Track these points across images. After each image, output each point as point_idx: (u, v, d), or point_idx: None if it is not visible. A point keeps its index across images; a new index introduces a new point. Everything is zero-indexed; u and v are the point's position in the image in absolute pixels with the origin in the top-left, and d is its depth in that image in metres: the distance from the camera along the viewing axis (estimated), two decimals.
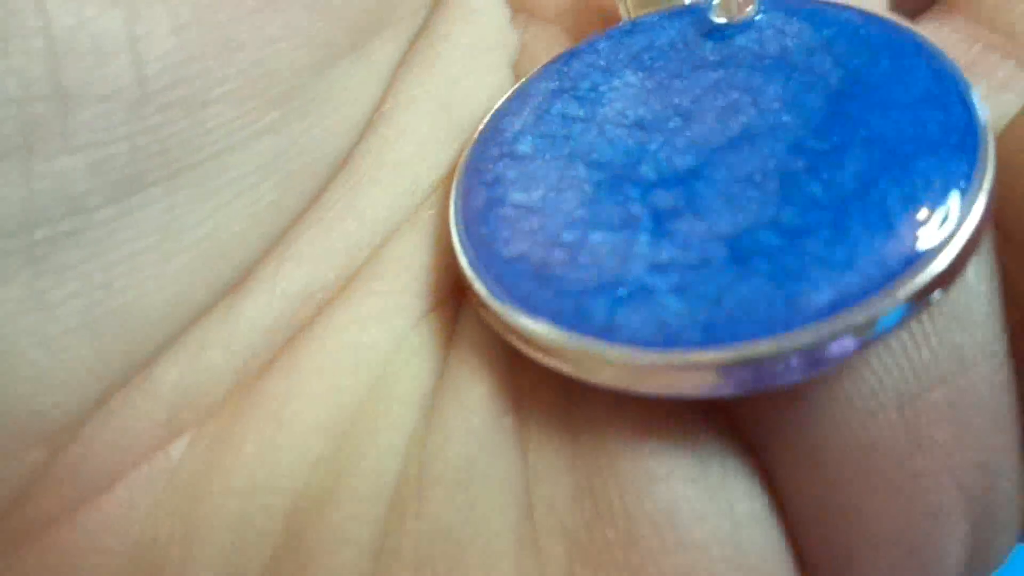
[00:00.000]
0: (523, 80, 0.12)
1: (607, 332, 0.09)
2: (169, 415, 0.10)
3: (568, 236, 0.10)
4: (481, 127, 0.12)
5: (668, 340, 0.09)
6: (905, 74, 0.10)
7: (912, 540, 0.10)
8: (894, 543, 0.10)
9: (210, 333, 0.10)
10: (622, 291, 0.10)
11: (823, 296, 0.09)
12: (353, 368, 0.11)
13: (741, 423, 0.10)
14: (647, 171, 0.10)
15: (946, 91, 0.10)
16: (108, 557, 0.10)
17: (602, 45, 0.12)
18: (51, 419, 0.09)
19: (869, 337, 0.09)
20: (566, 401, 0.10)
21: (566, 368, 0.10)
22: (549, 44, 0.13)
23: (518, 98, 0.12)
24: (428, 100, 0.12)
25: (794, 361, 0.09)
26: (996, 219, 0.10)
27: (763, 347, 0.09)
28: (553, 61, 0.12)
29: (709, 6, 0.12)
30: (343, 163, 0.11)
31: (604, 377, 0.10)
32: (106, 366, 0.10)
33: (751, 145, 0.10)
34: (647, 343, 0.09)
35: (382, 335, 0.11)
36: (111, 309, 0.10)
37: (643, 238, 0.10)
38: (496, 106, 0.12)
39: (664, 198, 0.10)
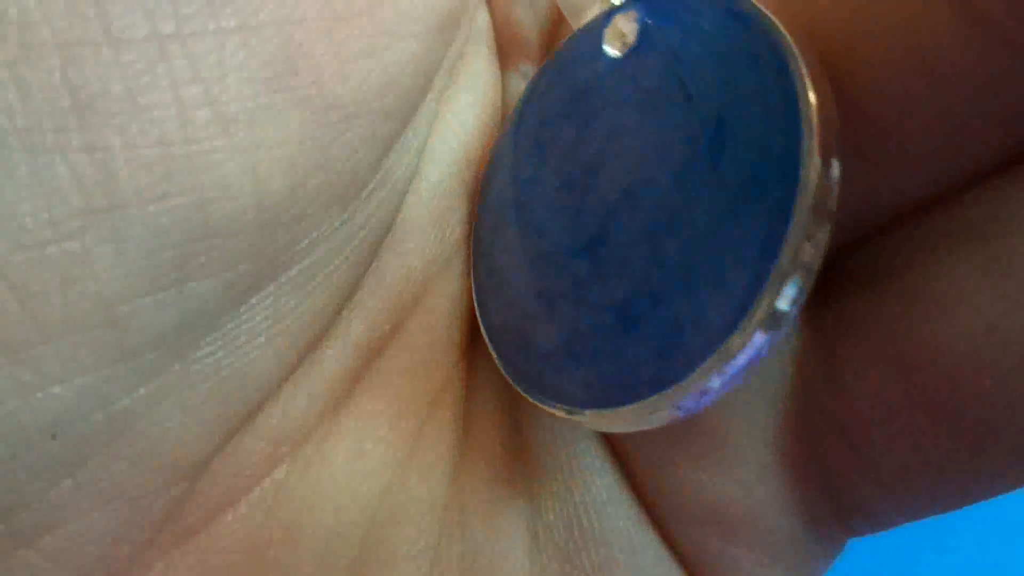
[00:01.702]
0: (499, 136, 0.14)
1: (552, 393, 0.12)
2: (273, 448, 0.13)
3: (531, 309, 0.12)
4: (479, 190, 0.14)
5: (591, 401, 0.11)
6: (749, 103, 0.11)
7: None
8: None
9: (301, 382, 0.13)
10: (557, 359, 0.12)
11: (683, 355, 0.11)
12: (407, 414, 0.14)
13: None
14: (574, 235, 0.12)
15: (783, 118, 0.10)
16: (234, 556, 0.13)
17: (542, 84, 0.14)
18: (186, 461, 0.12)
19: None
20: (560, 449, 0.14)
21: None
22: None
23: (496, 156, 0.14)
24: (450, 153, 0.14)
25: (681, 409, 0.11)
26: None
27: (647, 411, 0.11)
28: (515, 108, 0.14)
29: (602, 46, 0.13)
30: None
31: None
32: (227, 419, 0.12)
33: (633, 205, 0.12)
34: (574, 403, 0.12)
35: (426, 385, 0.14)
36: (231, 382, 0.12)
37: (570, 310, 0.12)
38: (485, 164, 0.14)
39: (581, 266, 0.12)
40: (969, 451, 0.12)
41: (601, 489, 0.14)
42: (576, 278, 0.12)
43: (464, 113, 0.15)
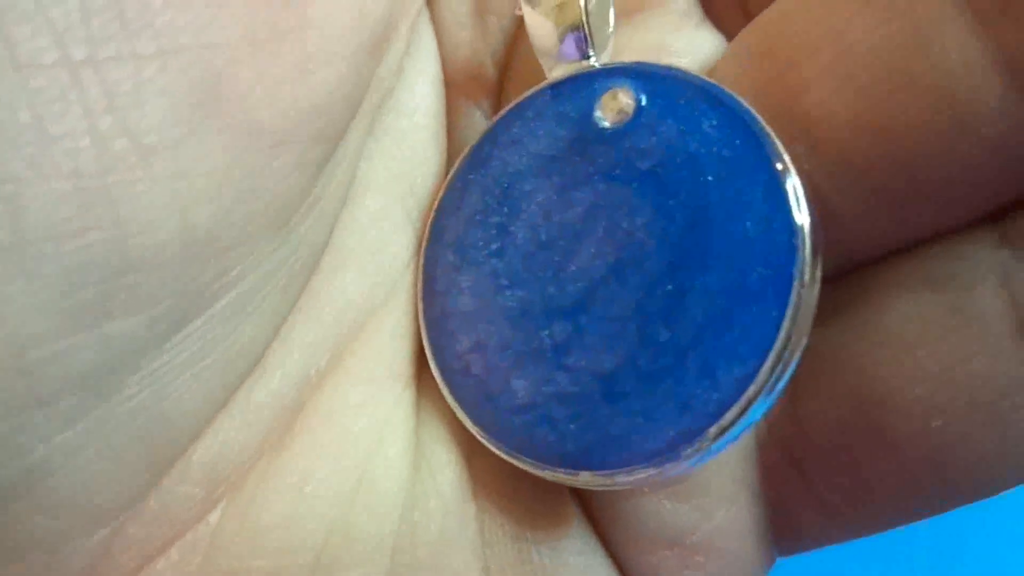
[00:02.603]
0: (456, 165, 0.14)
1: (519, 447, 0.12)
2: (207, 490, 0.12)
3: (498, 360, 0.12)
4: (429, 223, 0.14)
5: (563, 461, 0.12)
6: (745, 211, 0.12)
7: None
8: None
9: (233, 418, 0.13)
10: (530, 416, 0.12)
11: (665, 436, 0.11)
12: (351, 450, 0.13)
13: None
14: (550, 295, 0.12)
15: (775, 233, 0.11)
16: None
17: (513, 132, 0.13)
18: (109, 507, 0.12)
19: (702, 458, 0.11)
20: (511, 488, 0.13)
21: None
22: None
23: (455, 192, 0.13)
24: (391, 180, 0.14)
25: (651, 478, 0.11)
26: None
27: (621, 477, 0.12)
28: (478, 147, 0.14)
29: (593, 112, 0.13)
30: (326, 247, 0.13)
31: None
32: (153, 461, 0.12)
33: (621, 282, 0.12)
34: (544, 459, 0.12)
35: (369, 420, 0.13)
36: (157, 422, 0.11)
37: (545, 369, 0.12)
38: (439, 197, 0.14)
39: (561, 328, 0.12)
40: (909, 486, 0.12)
41: (553, 524, 0.14)
42: (555, 340, 0.12)
43: (405, 139, 0.14)
